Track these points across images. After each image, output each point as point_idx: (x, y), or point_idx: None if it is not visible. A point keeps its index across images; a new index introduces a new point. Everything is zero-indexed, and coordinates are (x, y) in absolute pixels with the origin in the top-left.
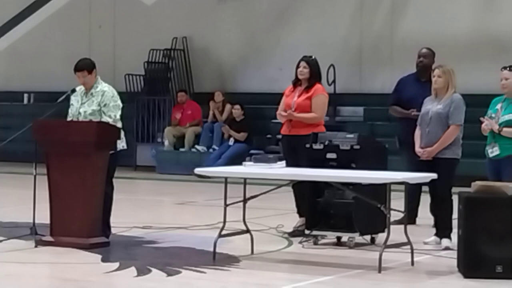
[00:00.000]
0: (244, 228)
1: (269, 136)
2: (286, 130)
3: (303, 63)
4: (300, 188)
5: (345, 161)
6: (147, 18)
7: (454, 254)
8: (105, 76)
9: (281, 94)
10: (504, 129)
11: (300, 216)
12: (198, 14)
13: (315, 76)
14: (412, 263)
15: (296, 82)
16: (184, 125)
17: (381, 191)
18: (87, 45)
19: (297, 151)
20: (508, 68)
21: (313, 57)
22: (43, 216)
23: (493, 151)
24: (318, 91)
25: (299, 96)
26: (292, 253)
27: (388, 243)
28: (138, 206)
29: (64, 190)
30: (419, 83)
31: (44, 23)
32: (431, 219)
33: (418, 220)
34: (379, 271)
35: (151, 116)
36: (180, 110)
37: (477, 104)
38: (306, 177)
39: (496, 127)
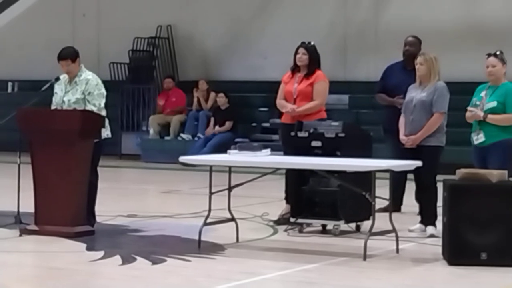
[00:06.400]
0: (229, 216)
1: (254, 124)
2: (287, 118)
3: (301, 50)
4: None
5: (330, 149)
6: (131, 6)
7: (439, 241)
8: (89, 64)
9: (266, 82)
10: (489, 116)
11: (287, 203)
12: (183, 2)
13: (314, 62)
14: (397, 250)
15: (295, 69)
16: (167, 112)
17: (366, 178)
18: (71, 33)
19: None
20: (494, 55)
21: (312, 43)
22: (28, 205)
23: (478, 138)
24: (320, 78)
25: (299, 83)
26: (277, 241)
27: (373, 230)
28: (123, 195)
29: (49, 179)
30: (405, 71)
31: (28, 11)
32: (416, 207)
33: (403, 208)
34: (364, 259)
35: (136, 105)
36: (164, 97)
37: (462, 91)
38: (291, 165)
39: (481, 114)
